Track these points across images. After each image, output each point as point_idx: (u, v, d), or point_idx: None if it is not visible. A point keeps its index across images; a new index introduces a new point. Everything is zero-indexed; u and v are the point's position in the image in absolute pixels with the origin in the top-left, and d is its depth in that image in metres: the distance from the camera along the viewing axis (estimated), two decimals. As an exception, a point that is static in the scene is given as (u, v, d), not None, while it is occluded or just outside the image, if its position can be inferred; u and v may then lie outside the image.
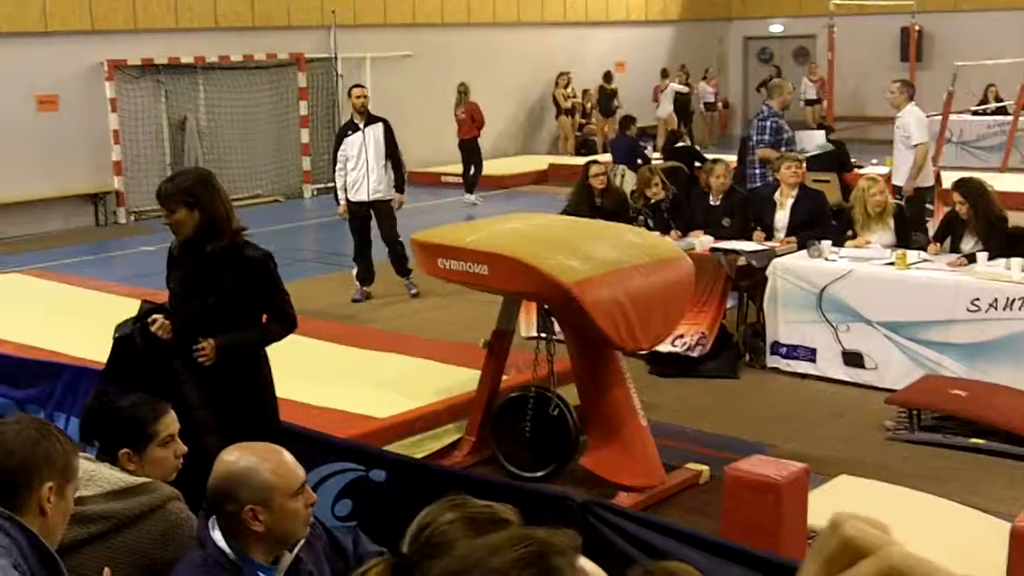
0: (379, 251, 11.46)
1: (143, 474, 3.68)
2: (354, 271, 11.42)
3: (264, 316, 5.10)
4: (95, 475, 3.51)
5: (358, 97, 11.23)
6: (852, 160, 14.01)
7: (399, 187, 11.20)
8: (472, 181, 18.24)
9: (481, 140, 18.48)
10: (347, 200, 11.11)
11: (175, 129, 18.13)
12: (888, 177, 10.77)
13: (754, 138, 11.16)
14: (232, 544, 3.10)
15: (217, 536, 3.11)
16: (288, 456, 3.22)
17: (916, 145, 10.86)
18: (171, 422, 3.85)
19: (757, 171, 10.99)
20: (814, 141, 12.42)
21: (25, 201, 16.19)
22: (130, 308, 5.27)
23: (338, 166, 11.15)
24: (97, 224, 17.03)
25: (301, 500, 3.17)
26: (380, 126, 11.10)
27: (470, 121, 18.12)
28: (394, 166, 11.18)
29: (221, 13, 18.45)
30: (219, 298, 4.93)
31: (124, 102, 17.29)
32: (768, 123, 11.13)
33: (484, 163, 18.59)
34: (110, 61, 16.97)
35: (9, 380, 6.98)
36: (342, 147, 11.11)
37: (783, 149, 10.86)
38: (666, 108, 23.57)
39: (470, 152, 18.16)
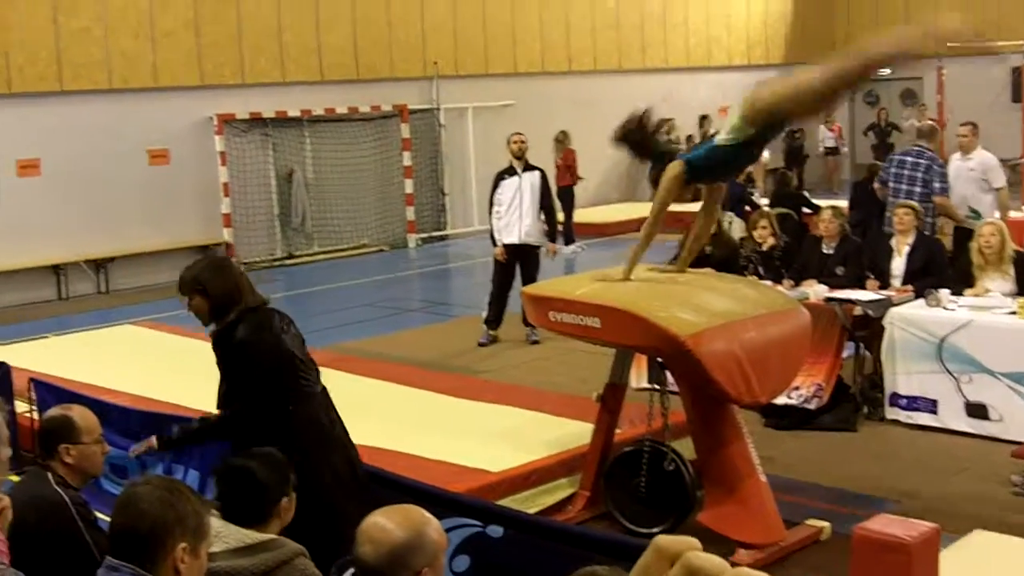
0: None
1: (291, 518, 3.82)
2: (484, 314, 11.41)
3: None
4: (222, 532, 3.54)
5: (515, 143, 11.35)
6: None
7: (552, 236, 11.25)
8: (565, 229, 18.27)
9: (577, 188, 18.64)
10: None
11: (283, 181, 18.43)
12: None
13: (936, 185, 10.38)
14: None
15: (354, 597, 3.09)
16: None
17: (998, 188, 10.62)
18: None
19: (929, 221, 10.08)
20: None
21: (137, 253, 16.55)
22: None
23: (494, 209, 11.25)
24: (207, 275, 17.28)
25: None
26: (537, 174, 11.26)
27: (565, 168, 18.20)
28: (547, 215, 11.26)
29: (326, 66, 18.75)
30: (222, 379, 5.06)
31: (233, 155, 17.63)
32: (944, 170, 10.57)
33: (586, 211, 18.56)
34: (219, 115, 17.33)
35: (127, 432, 7.06)
36: (498, 190, 11.23)
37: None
38: (763, 154, 23.25)
39: (563, 200, 18.24)
